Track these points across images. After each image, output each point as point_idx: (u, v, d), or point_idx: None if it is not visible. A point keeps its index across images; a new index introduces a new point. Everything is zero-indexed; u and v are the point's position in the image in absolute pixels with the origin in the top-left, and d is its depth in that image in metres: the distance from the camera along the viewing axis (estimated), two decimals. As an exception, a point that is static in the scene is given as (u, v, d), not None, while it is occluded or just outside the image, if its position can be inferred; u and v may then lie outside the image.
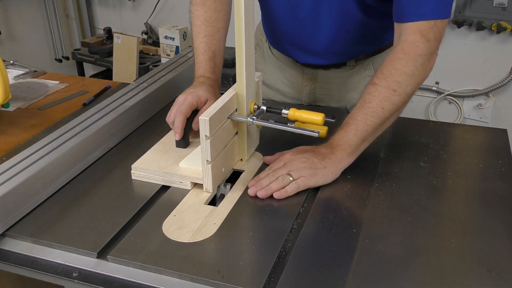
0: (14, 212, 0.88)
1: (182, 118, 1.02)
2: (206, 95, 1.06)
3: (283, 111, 1.01)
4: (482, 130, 1.22)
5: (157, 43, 2.97)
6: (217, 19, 1.17)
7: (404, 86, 0.97)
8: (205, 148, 0.89)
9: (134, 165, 0.99)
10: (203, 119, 0.87)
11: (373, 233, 0.84)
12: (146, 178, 0.99)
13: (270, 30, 1.31)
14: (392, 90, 0.97)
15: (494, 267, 0.77)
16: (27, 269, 0.81)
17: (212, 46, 1.15)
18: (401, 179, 0.99)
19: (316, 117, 0.99)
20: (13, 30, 3.04)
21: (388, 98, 0.97)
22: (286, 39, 1.26)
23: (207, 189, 0.94)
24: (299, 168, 0.95)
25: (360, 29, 1.15)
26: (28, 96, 1.39)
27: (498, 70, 2.45)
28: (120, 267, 0.79)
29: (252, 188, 0.93)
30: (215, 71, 1.15)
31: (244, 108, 0.98)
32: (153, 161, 1.00)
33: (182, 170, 0.97)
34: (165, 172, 0.97)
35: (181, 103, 1.04)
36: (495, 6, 2.30)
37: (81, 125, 1.09)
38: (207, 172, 0.92)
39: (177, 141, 1.04)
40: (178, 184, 0.96)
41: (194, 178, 0.95)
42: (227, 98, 0.95)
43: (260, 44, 1.40)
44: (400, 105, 0.99)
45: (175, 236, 0.83)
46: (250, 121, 0.98)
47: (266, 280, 0.74)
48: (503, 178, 0.99)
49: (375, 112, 0.97)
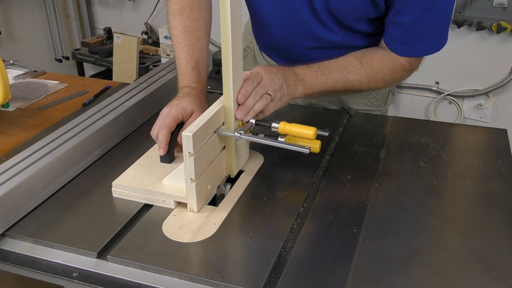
0: (14, 212, 0.88)
1: (166, 132, 0.97)
2: (191, 107, 1.01)
3: (273, 124, 0.96)
4: (482, 130, 1.22)
5: (157, 43, 2.97)
6: (197, 28, 1.13)
7: (376, 85, 1.11)
8: (189, 166, 0.84)
9: (114, 182, 0.94)
10: (186, 135, 0.81)
11: (373, 233, 0.84)
12: (127, 196, 0.93)
13: (259, 39, 1.31)
14: (368, 80, 1.08)
15: (494, 267, 0.77)
16: (27, 269, 0.81)
17: (194, 55, 1.11)
18: (401, 179, 0.99)
19: (307, 131, 0.94)
20: (13, 30, 3.04)
21: (362, 82, 1.07)
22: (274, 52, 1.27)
23: (191, 209, 0.88)
24: (274, 90, 0.96)
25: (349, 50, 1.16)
26: (28, 96, 1.39)
27: (498, 70, 2.45)
28: (120, 267, 0.79)
29: (240, 112, 0.92)
30: (199, 80, 1.10)
31: (231, 122, 0.92)
32: (135, 177, 0.95)
33: (165, 188, 0.91)
34: (146, 190, 0.91)
35: (165, 116, 0.98)
36: (495, 6, 2.30)
37: (81, 125, 1.09)
38: (191, 190, 0.86)
39: (161, 156, 0.99)
40: (161, 203, 0.91)
41: (177, 197, 0.90)
42: (213, 112, 0.89)
43: (251, 46, 1.39)
44: (359, 91, 1.13)
45: (175, 236, 0.83)
46: (237, 136, 0.92)
47: (266, 280, 0.74)
48: (503, 178, 0.99)
49: (347, 83, 1.06)
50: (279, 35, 1.18)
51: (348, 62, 1.07)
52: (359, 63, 1.07)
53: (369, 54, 1.09)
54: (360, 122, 1.24)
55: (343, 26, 1.10)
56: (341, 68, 1.06)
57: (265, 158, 1.06)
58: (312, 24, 1.11)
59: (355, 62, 1.07)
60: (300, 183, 0.98)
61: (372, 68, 1.07)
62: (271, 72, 0.97)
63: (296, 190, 0.95)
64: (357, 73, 1.06)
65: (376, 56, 1.08)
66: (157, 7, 3.02)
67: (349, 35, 1.13)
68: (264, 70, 0.96)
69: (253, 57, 1.39)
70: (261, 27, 1.21)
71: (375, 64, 1.07)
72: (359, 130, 1.19)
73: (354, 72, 1.06)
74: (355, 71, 1.06)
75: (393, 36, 1.07)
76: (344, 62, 1.07)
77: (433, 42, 1.06)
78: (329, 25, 1.10)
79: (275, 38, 1.20)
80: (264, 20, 1.18)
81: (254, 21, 1.24)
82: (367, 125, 1.21)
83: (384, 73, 1.08)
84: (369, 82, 1.08)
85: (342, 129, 1.21)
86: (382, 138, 1.15)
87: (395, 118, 1.26)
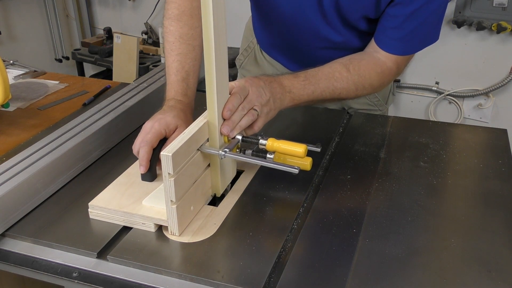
0: (14, 212, 0.88)
1: (148, 148, 0.91)
2: (175, 122, 0.95)
3: (260, 141, 0.90)
4: (482, 130, 1.22)
5: (157, 43, 2.97)
6: (193, 37, 1.08)
7: (363, 92, 1.08)
8: (169, 187, 0.78)
9: (91, 203, 0.88)
10: (165, 155, 0.76)
11: (373, 233, 0.84)
12: (105, 218, 0.87)
13: (262, 38, 1.31)
14: (355, 88, 1.06)
15: (494, 267, 0.77)
16: (27, 269, 0.81)
17: (186, 65, 1.06)
18: (401, 179, 0.99)
19: (297, 149, 0.88)
20: (13, 30, 3.04)
21: (349, 89, 1.05)
22: (278, 50, 1.26)
23: (172, 232, 0.83)
24: (261, 105, 0.93)
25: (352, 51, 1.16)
26: (28, 96, 1.39)
27: (498, 70, 2.45)
28: (120, 267, 0.79)
29: (225, 127, 0.88)
30: (187, 93, 1.05)
31: (216, 139, 0.87)
32: (113, 197, 0.89)
33: (145, 210, 0.85)
34: (125, 212, 0.86)
35: (148, 131, 0.93)
36: (495, 6, 2.30)
37: (81, 125, 1.09)
38: (172, 213, 0.80)
39: (142, 174, 0.93)
40: (140, 226, 0.85)
41: (157, 220, 0.84)
42: (196, 128, 0.83)
43: (251, 46, 1.39)
44: (346, 98, 1.10)
45: (175, 236, 0.83)
46: (222, 154, 0.85)
47: (266, 280, 0.74)
48: (503, 178, 0.99)
49: (334, 92, 1.04)
50: (284, 33, 1.18)
51: (335, 70, 1.05)
52: (346, 70, 1.05)
53: (356, 60, 1.07)
54: (360, 122, 1.24)
55: (348, 26, 1.10)
56: (328, 77, 1.04)
57: (265, 158, 1.06)
58: (318, 22, 1.10)
59: (342, 70, 1.05)
60: (300, 183, 0.97)
61: (359, 74, 1.05)
62: (258, 86, 0.93)
63: (296, 190, 0.95)
64: (344, 81, 1.04)
65: (363, 62, 1.07)
66: (157, 7, 3.03)
67: (351, 35, 1.13)
68: (251, 84, 0.92)
69: (254, 57, 1.38)
70: (267, 25, 1.21)
71: (362, 70, 1.06)
72: (359, 130, 1.19)
73: (341, 80, 1.04)
74: (342, 79, 1.04)
75: (385, 31, 1.05)
76: (331, 69, 1.05)
77: (426, 39, 1.05)
78: (334, 23, 1.10)
79: (279, 36, 1.20)
80: (270, 17, 1.18)
81: (259, 19, 1.24)
82: (367, 125, 1.21)
83: (371, 78, 1.07)
84: (356, 89, 1.06)
85: (342, 129, 1.21)
86: (382, 138, 1.15)
87: (395, 118, 1.26)
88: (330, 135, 1.15)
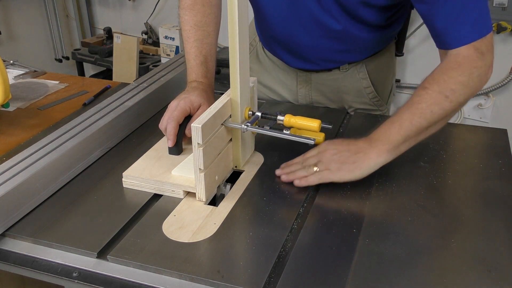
0: (14, 212, 0.88)
1: (175, 124, 1.00)
2: (199, 100, 1.04)
3: (278, 117, 0.99)
4: (482, 130, 1.22)
5: (157, 43, 2.97)
6: (207, 23, 1.15)
7: (457, 95, 0.94)
8: (198, 156, 0.87)
9: (125, 173, 0.97)
10: (195, 127, 0.85)
11: (373, 233, 0.84)
12: (137, 187, 0.96)
13: (262, 32, 1.31)
14: (445, 96, 0.93)
15: (494, 267, 0.77)
16: (27, 269, 0.81)
17: (203, 50, 1.13)
18: (401, 179, 0.99)
19: (312, 124, 0.97)
20: (13, 30, 3.04)
21: (439, 103, 0.93)
22: (278, 43, 1.26)
23: (200, 198, 0.91)
24: (328, 160, 0.94)
25: (352, 42, 1.16)
26: (28, 96, 1.39)
27: (498, 70, 2.44)
28: (120, 267, 0.79)
29: (279, 170, 0.98)
30: (207, 75, 1.13)
31: (238, 115, 0.96)
32: (145, 168, 0.98)
33: (174, 178, 0.94)
34: (156, 180, 0.94)
35: (174, 109, 1.01)
36: (495, 6, 2.29)
37: (81, 125, 1.09)
38: (200, 180, 0.89)
39: (170, 148, 1.02)
40: (170, 193, 0.94)
41: (186, 187, 0.93)
42: (220, 104, 0.92)
43: (254, 44, 1.39)
44: (450, 112, 0.96)
45: (175, 236, 0.83)
46: (244, 128, 0.95)
47: (266, 280, 0.74)
48: (503, 178, 0.99)
49: (423, 114, 0.93)
50: (282, 24, 1.18)
51: (412, 97, 0.96)
52: (422, 89, 0.95)
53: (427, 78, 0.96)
54: (360, 122, 1.24)
55: (346, 13, 1.08)
56: (408, 105, 0.95)
57: (265, 158, 1.06)
58: (315, 8, 1.09)
59: (419, 91, 0.95)
60: (300, 183, 0.97)
61: (437, 83, 0.95)
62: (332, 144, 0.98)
63: (296, 190, 0.95)
64: (426, 97, 0.94)
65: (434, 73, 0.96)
66: (157, 7, 3.02)
67: (351, 23, 1.10)
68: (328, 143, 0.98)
69: (256, 55, 1.39)
70: (265, 17, 1.21)
71: (437, 77, 0.95)
72: (359, 130, 1.19)
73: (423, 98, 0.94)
74: (423, 97, 0.94)
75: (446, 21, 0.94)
76: (407, 101, 0.96)
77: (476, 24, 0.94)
78: (331, 10, 1.08)
79: (278, 27, 1.19)
80: (267, 8, 1.17)
81: (257, 12, 1.24)
82: (367, 125, 1.21)
83: (453, 77, 0.95)
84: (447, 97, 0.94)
85: (342, 129, 1.21)
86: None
87: (395, 118, 1.26)
88: (330, 135, 1.15)
